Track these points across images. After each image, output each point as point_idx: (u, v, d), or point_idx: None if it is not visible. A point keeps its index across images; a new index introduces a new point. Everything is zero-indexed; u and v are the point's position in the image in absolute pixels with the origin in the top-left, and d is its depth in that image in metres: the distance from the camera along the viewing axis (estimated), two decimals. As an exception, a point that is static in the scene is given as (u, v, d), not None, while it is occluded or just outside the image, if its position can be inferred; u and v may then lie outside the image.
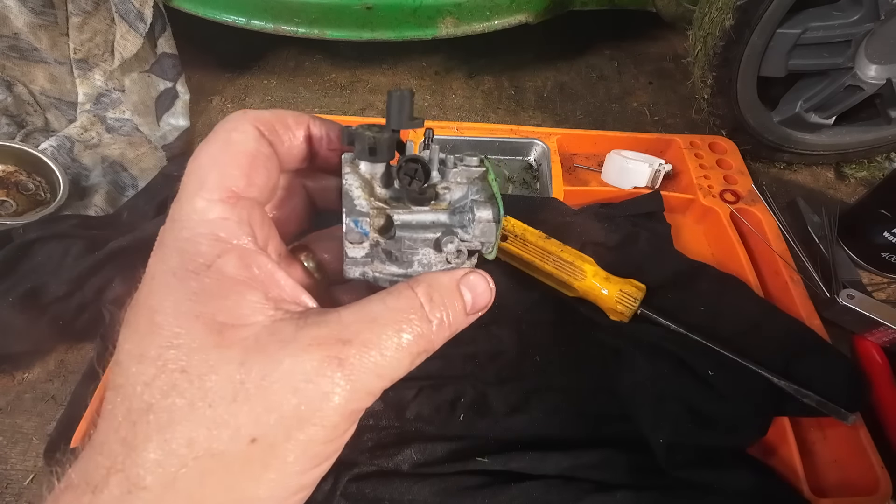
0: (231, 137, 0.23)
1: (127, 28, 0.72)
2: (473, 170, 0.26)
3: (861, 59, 0.67)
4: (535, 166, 0.78)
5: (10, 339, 0.52)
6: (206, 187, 0.22)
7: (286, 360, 0.19)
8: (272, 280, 0.22)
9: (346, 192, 0.24)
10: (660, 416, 0.46)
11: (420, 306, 0.22)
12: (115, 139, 0.73)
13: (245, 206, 0.22)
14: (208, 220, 0.21)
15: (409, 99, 0.24)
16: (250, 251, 0.21)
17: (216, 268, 0.20)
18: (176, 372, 0.19)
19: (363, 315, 0.21)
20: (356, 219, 0.24)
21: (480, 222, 0.25)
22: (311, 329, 0.20)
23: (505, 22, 0.83)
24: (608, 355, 0.51)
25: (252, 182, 0.23)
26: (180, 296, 0.20)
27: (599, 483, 0.44)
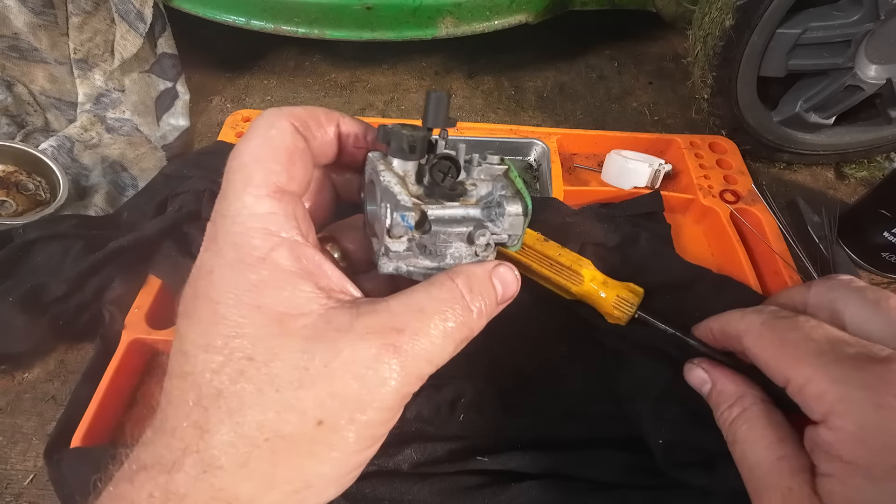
0: (270, 134, 0.24)
1: (127, 28, 0.73)
2: (496, 167, 0.28)
3: (861, 59, 0.67)
4: (535, 166, 0.78)
5: (10, 339, 0.52)
6: (253, 183, 0.23)
7: (346, 349, 0.21)
8: (321, 271, 0.23)
9: (386, 188, 0.25)
10: (659, 418, 0.46)
11: (461, 296, 0.24)
12: (115, 139, 0.73)
13: (289, 201, 0.23)
14: (258, 214, 0.22)
15: (446, 101, 0.25)
16: (299, 243, 0.23)
17: (271, 260, 0.22)
18: (243, 359, 0.20)
19: (411, 305, 0.23)
20: (402, 213, 0.24)
21: (510, 216, 0.26)
22: (365, 318, 0.22)
23: (505, 22, 0.83)
24: (608, 355, 0.51)
25: (292, 176, 0.24)
26: (241, 288, 0.21)
27: (599, 483, 0.44)
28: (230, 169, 0.24)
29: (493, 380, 0.50)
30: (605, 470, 0.45)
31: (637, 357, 0.49)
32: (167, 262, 0.57)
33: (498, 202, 0.27)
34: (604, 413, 0.49)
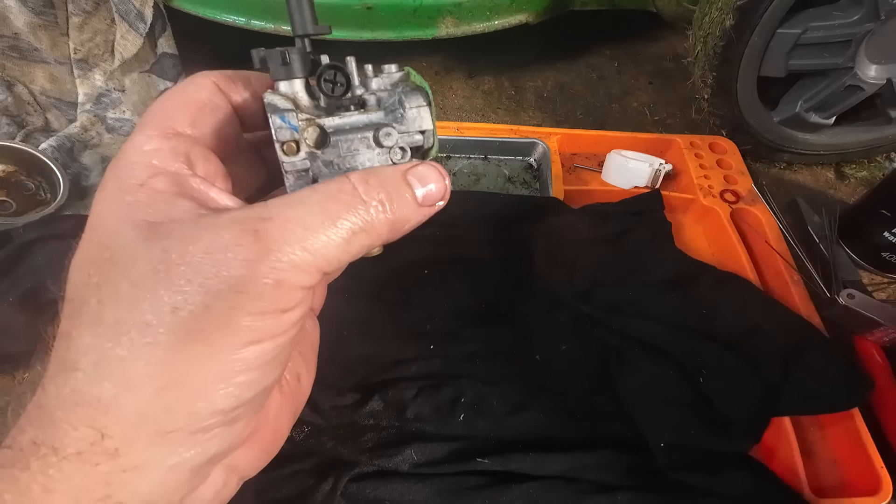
0: (185, 88, 0.24)
1: (127, 28, 0.73)
2: (395, 75, 0.26)
3: (861, 59, 0.67)
4: (535, 166, 0.78)
5: (10, 339, 0.52)
6: (147, 126, 0.23)
7: (204, 239, 0.20)
8: (207, 196, 0.22)
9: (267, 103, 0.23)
10: (661, 419, 0.46)
11: (352, 188, 0.22)
12: (116, 139, 0.73)
13: (183, 141, 0.23)
14: (144, 150, 0.22)
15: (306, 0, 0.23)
16: (183, 173, 0.22)
17: (148, 185, 0.21)
18: (107, 265, 0.20)
19: (289, 199, 0.21)
20: (282, 115, 0.22)
21: (412, 108, 0.25)
22: (233, 213, 0.21)
23: (505, 22, 0.83)
24: (610, 355, 0.51)
25: (197, 125, 0.24)
26: (114, 208, 0.21)
27: (599, 484, 0.44)
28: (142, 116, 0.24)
29: (493, 380, 0.50)
30: (605, 471, 0.45)
31: (639, 357, 0.49)
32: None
33: (399, 101, 0.25)
34: (605, 414, 0.49)
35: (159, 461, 0.20)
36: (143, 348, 0.19)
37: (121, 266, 0.20)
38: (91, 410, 0.19)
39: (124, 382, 0.19)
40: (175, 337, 0.19)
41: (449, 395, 0.49)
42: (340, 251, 0.21)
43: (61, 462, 0.19)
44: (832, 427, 0.52)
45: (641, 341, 0.50)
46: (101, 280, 0.20)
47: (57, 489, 0.19)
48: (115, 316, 0.20)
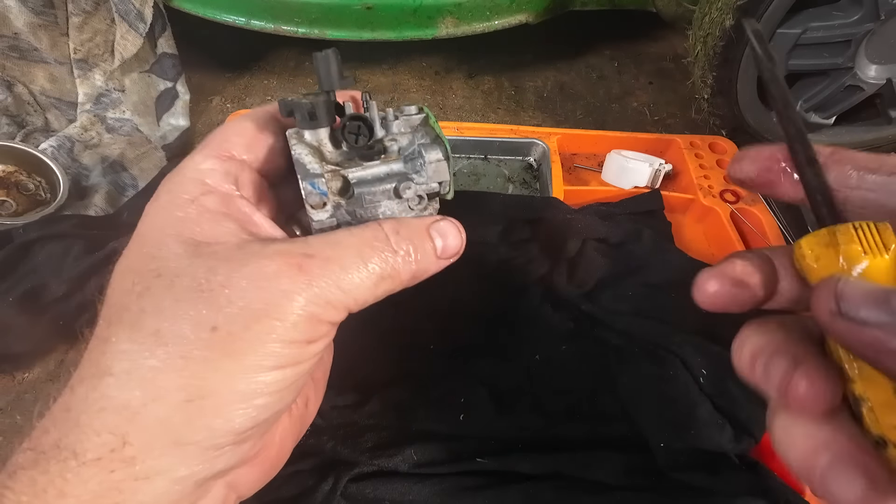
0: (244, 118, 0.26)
1: (127, 28, 0.73)
2: (414, 118, 0.27)
3: (861, 59, 0.67)
4: (535, 166, 0.78)
5: (10, 339, 0.52)
6: (206, 147, 0.24)
7: (251, 265, 0.21)
8: (250, 220, 0.24)
9: (296, 160, 0.24)
10: (661, 419, 0.46)
11: (385, 237, 0.24)
12: (115, 139, 0.73)
13: (235, 164, 0.24)
14: (198, 169, 0.24)
15: (333, 59, 0.25)
16: (232, 195, 0.24)
17: (198, 202, 0.23)
18: (151, 276, 0.21)
19: (329, 239, 0.23)
20: (312, 181, 0.24)
21: (431, 163, 0.26)
22: (278, 245, 0.22)
23: (505, 22, 0.83)
24: (610, 355, 0.51)
25: (251, 151, 0.25)
26: (164, 221, 0.23)
27: (599, 484, 0.44)
28: None
29: (493, 380, 0.50)
30: (605, 471, 0.45)
31: (639, 357, 0.49)
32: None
33: (418, 152, 0.26)
34: (605, 413, 0.49)
35: (170, 472, 0.20)
36: (177, 360, 0.20)
37: (166, 279, 0.21)
38: (117, 417, 0.20)
39: (154, 392, 0.20)
40: (209, 353, 0.20)
41: (449, 395, 0.49)
42: (369, 293, 0.23)
43: (80, 467, 0.19)
44: (832, 427, 0.52)
45: (642, 341, 0.50)
46: (143, 290, 0.21)
47: (71, 493, 0.19)
48: (154, 326, 0.20)
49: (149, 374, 0.20)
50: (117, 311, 0.21)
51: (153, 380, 0.20)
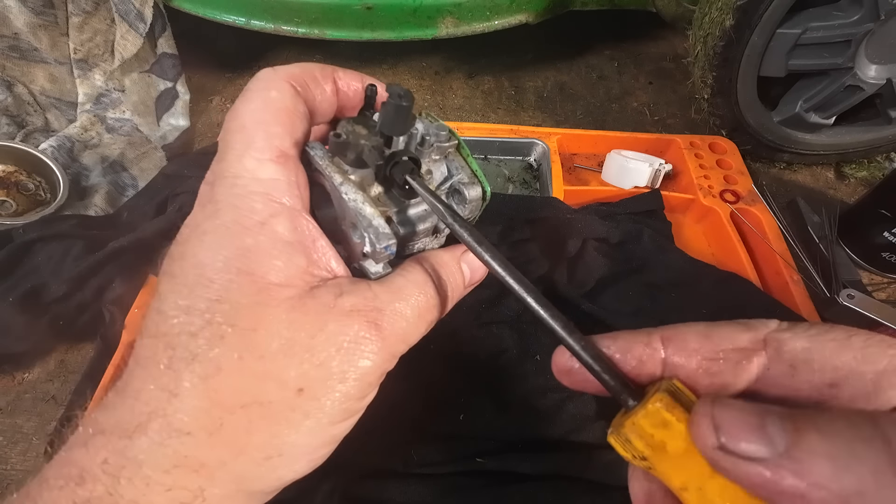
0: (270, 96, 0.23)
1: (127, 28, 0.72)
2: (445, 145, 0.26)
3: (861, 59, 0.67)
4: (535, 166, 0.78)
5: (10, 339, 0.52)
6: (256, 146, 0.22)
7: (331, 324, 0.21)
8: (314, 246, 0.23)
9: (356, 209, 0.23)
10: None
11: (432, 281, 0.25)
12: (115, 139, 0.73)
13: (292, 167, 0.23)
14: (261, 179, 0.22)
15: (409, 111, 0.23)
16: (298, 213, 0.22)
17: (269, 227, 0.21)
18: (224, 325, 0.20)
19: (390, 287, 0.23)
20: (387, 245, 0.23)
21: (471, 202, 0.27)
22: (349, 297, 0.22)
23: (505, 22, 0.83)
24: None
25: (294, 140, 0.23)
26: (233, 252, 0.21)
27: (599, 484, 0.44)
28: (228, 130, 0.23)
29: (493, 380, 0.50)
30: (605, 471, 0.45)
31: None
32: (167, 262, 0.57)
33: (456, 189, 0.27)
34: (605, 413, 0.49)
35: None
36: (260, 421, 0.20)
37: (243, 332, 0.20)
38: (193, 474, 0.19)
39: (236, 451, 0.20)
40: (292, 414, 0.20)
41: (448, 396, 0.49)
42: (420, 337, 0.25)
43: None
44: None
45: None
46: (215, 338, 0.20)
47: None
48: (235, 386, 0.20)
49: (232, 434, 0.20)
50: (184, 360, 0.20)
51: (236, 440, 0.20)
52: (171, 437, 0.19)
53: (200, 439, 0.19)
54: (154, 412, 0.19)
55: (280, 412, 0.20)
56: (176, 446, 0.19)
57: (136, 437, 0.19)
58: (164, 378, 0.20)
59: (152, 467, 0.19)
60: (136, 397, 0.20)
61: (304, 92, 0.25)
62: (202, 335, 0.20)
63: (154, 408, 0.19)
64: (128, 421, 0.19)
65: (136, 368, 0.21)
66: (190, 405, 0.19)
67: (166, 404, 0.19)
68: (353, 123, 0.24)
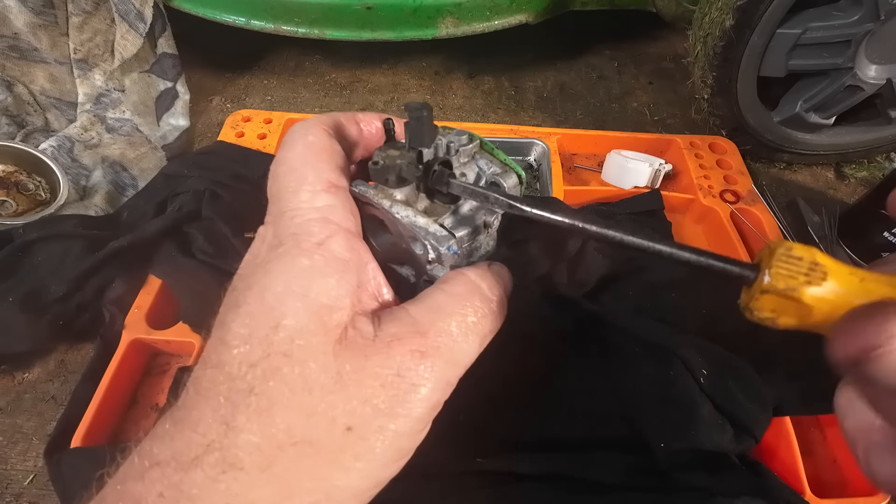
0: (308, 140, 0.25)
1: (127, 28, 0.72)
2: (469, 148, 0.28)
3: (861, 59, 0.67)
4: (535, 166, 0.78)
5: (10, 339, 0.52)
6: (308, 181, 0.23)
7: (373, 357, 0.20)
8: (365, 267, 0.23)
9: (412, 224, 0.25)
10: (661, 419, 0.46)
11: (479, 287, 0.24)
12: (115, 139, 0.73)
13: (343, 195, 0.24)
14: (317, 207, 0.23)
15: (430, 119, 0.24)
16: (353, 234, 0.23)
17: (326, 246, 0.22)
18: (280, 355, 0.20)
19: (430, 305, 0.23)
20: (448, 245, 0.24)
21: (511, 191, 0.27)
22: (388, 326, 0.21)
23: (505, 22, 0.83)
24: (610, 354, 0.51)
25: (341, 174, 0.25)
26: (291, 274, 0.21)
27: (599, 484, 0.44)
28: (278, 174, 0.24)
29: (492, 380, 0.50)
30: (605, 471, 0.45)
31: (640, 357, 0.49)
32: (167, 262, 0.56)
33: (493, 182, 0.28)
34: (605, 413, 0.49)
35: None
36: (307, 459, 0.19)
37: (296, 364, 0.20)
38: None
39: (285, 492, 0.19)
40: (341, 455, 0.20)
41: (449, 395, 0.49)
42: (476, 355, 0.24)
43: None
44: (832, 427, 0.52)
45: (642, 341, 0.50)
46: (271, 370, 0.20)
47: None
48: (287, 422, 0.19)
49: (282, 473, 0.19)
50: (242, 392, 0.20)
51: (286, 480, 0.19)
52: (226, 472, 0.19)
53: (252, 476, 0.19)
54: (211, 445, 0.19)
55: (329, 452, 0.20)
56: (229, 482, 0.19)
57: (191, 471, 0.19)
58: (223, 409, 0.19)
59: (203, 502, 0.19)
60: (195, 429, 0.20)
61: (336, 133, 0.26)
62: (260, 366, 0.20)
63: (211, 440, 0.19)
64: (184, 453, 0.19)
65: (195, 397, 0.20)
66: (244, 440, 0.19)
67: (223, 437, 0.19)
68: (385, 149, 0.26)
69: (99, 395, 0.48)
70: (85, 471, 0.44)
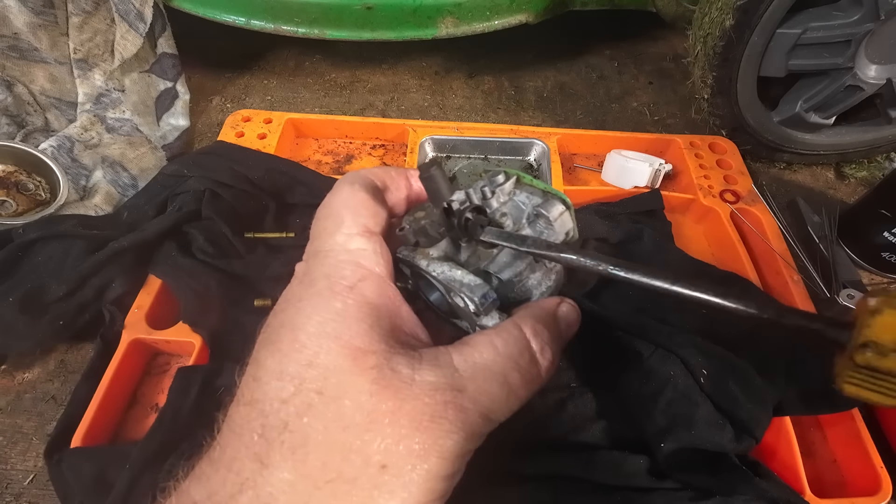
0: (354, 188, 0.26)
1: (127, 28, 0.72)
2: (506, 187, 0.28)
3: (861, 59, 0.67)
4: (535, 166, 0.78)
5: (10, 339, 0.52)
6: (345, 225, 0.25)
7: (410, 402, 0.21)
8: (398, 311, 0.24)
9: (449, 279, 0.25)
10: (662, 419, 0.46)
11: (528, 347, 0.24)
12: (115, 139, 0.73)
13: (377, 241, 0.25)
14: (350, 249, 0.24)
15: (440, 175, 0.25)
16: (384, 279, 0.24)
17: (358, 290, 0.23)
18: (313, 392, 0.20)
19: (475, 360, 0.23)
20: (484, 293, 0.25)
21: (556, 219, 0.27)
22: (428, 373, 0.22)
23: (505, 22, 0.83)
24: (611, 354, 0.51)
25: (377, 222, 0.26)
26: (325, 315, 0.22)
27: (599, 484, 0.44)
28: (321, 217, 0.26)
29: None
30: (605, 471, 0.45)
31: (640, 357, 0.49)
32: (167, 262, 0.56)
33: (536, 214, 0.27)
34: (606, 413, 0.49)
35: None
36: (342, 497, 0.19)
37: (330, 401, 0.20)
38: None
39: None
40: (376, 492, 0.20)
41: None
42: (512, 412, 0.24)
43: None
44: (832, 427, 0.52)
45: (642, 341, 0.50)
46: (305, 407, 0.20)
47: None
48: (322, 459, 0.20)
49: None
50: (276, 428, 0.20)
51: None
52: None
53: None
54: (245, 483, 0.19)
55: (364, 490, 0.20)
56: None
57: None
58: (257, 447, 0.20)
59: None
60: (229, 468, 0.20)
61: (382, 186, 0.28)
62: (293, 402, 0.20)
63: (245, 479, 0.19)
64: (220, 493, 0.19)
65: (229, 435, 0.21)
66: (278, 477, 0.19)
67: (257, 475, 0.19)
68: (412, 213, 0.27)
69: (99, 395, 0.48)
70: (85, 471, 0.44)
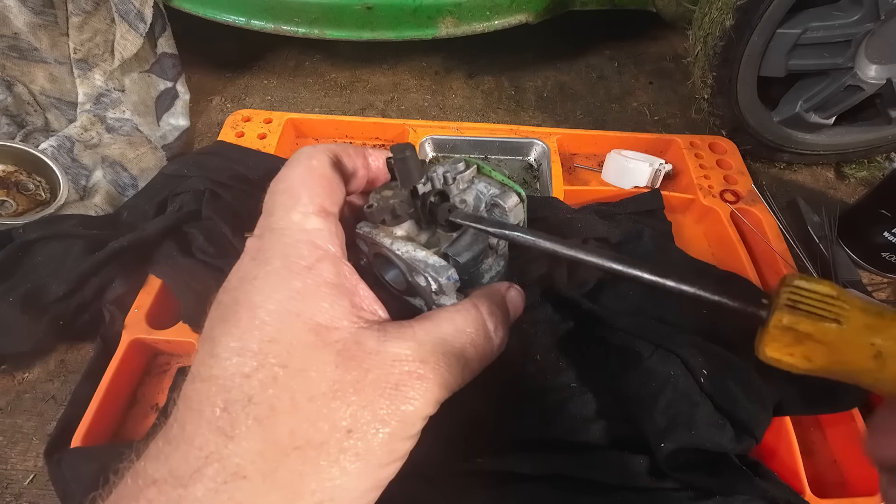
0: (312, 164, 0.26)
1: (127, 28, 0.72)
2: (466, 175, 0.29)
3: (861, 59, 0.67)
4: (535, 166, 0.78)
5: (10, 339, 0.52)
6: (301, 202, 0.25)
7: (374, 371, 0.22)
8: (355, 290, 0.24)
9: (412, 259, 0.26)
10: (662, 419, 0.46)
11: (484, 325, 0.26)
12: (115, 139, 0.73)
13: (332, 220, 0.25)
14: (306, 229, 0.24)
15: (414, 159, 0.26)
16: (340, 259, 0.25)
17: (316, 271, 0.23)
18: (276, 366, 0.21)
19: (436, 335, 0.24)
20: (448, 274, 0.26)
21: (511, 210, 0.28)
22: (392, 345, 0.23)
23: (505, 22, 0.83)
24: (610, 354, 0.51)
25: (333, 201, 0.26)
26: (284, 294, 0.22)
27: (598, 484, 0.44)
28: (275, 191, 0.26)
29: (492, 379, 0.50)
30: (605, 471, 0.45)
31: (640, 357, 0.49)
32: (167, 261, 0.56)
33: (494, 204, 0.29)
34: (606, 413, 0.49)
35: None
36: (311, 462, 0.20)
37: (295, 373, 0.21)
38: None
39: (291, 496, 0.20)
40: (343, 456, 0.21)
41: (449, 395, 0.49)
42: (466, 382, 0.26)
43: None
44: (832, 427, 0.52)
45: (642, 341, 0.50)
46: (269, 380, 0.20)
47: None
48: (289, 427, 0.20)
49: (286, 478, 0.20)
50: (239, 402, 0.20)
51: (291, 484, 0.20)
52: (227, 482, 0.19)
53: (256, 484, 0.19)
54: (210, 456, 0.19)
55: (331, 454, 0.20)
56: (232, 492, 0.19)
57: (191, 485, 0.19)
58: (220, 421, 0.20)
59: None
60: (191, 443, 0.20)
61: (339, 163, 0.28)
62: (256, 376, 0.20)
63: (209, 452, 0.19)
64: (182, 469, 0.19)
65: (187, 413, 0.21)
66: (245, 448, 0.19)
67: (223, 448, 0.19)
68: (379, 191, 0.27)
69: (99, 395, 0.48)
70: (85, 471, 0.44)
